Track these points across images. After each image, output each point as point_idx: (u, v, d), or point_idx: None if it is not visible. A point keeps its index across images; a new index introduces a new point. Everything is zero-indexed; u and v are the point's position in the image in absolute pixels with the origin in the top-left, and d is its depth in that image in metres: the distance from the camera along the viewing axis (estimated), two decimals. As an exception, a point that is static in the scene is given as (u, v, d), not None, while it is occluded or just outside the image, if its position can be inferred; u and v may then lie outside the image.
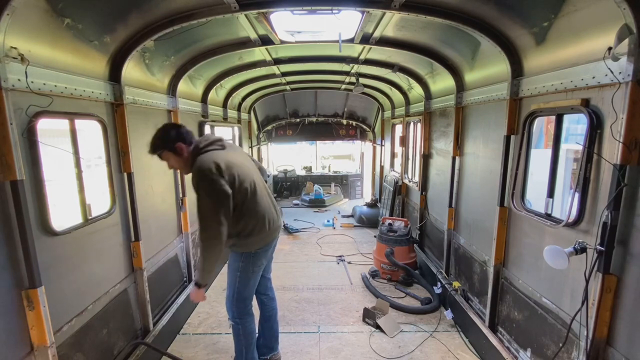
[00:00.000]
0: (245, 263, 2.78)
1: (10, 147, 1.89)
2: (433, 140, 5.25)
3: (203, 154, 2.52)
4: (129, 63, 3.00)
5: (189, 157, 2.57)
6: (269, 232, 2.78)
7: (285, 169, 12.09)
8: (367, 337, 3.78)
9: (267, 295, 3.24)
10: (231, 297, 2.85)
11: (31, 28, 2.05)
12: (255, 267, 2.83)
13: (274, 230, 2.85)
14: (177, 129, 2.60)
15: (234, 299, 2.84)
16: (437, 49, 4.01)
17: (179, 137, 2.54)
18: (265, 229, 2.73)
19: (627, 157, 1.90)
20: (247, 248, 2.75)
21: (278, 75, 6.21)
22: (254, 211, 2.67)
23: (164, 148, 2.53)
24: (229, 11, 2.84)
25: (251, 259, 2.79)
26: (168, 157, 2.57)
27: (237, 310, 2.87)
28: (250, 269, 2.81)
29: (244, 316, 2.89)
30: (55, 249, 2.30)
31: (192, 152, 2.56)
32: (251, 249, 2.75)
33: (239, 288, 2.83)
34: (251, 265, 2.80)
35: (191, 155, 2.56)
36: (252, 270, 2.82)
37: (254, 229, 2.68)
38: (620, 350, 2.01)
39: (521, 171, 2.97)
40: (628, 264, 1.95)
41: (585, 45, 2.23)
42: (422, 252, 5.60)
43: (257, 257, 2.81)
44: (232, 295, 2.85)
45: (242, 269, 2.79)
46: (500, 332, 3.30)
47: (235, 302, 2.85)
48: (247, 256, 2.77)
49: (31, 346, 2.08)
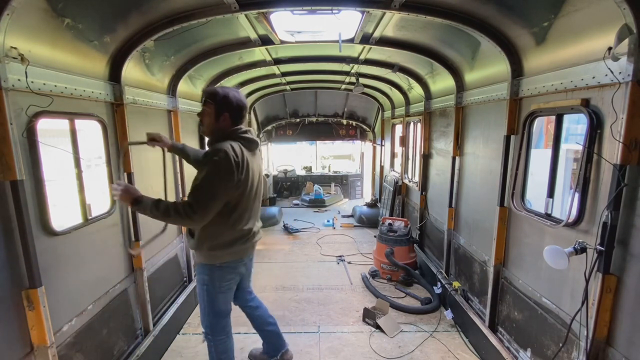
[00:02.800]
0: (210, 277, 2.54)
1: (10, 147, 1.89)
2: (433, 140, 5.25)
3: (234, 142, 2.35)
4: (129, 63, 2.99)
5: (220, 130, 2.41)
6: (243, 247, 2.54)
7: (285, 169, 12.09)
8: (367, 337, 3.78)
9: (249, 307, 3.08)
10: (202, 310, 2.65)
11: (31, 28, 2.05)
12: (222, 281, 2.57)
13: (249, 246, 2.60)
14: (240, 105, 2.43)
15: (206, 313, 2.63)
16: (437, 49, 4.01)
17: (230, 109, 2.38)
18: (237, 243, 2.49)
19: (627, 157, 1.90)
20: (211, 260, 2.50)
21: (278, 75, 6.20)
22: (236, 223, 2.44)
23: (214, 103, 2.37)
24: (229, 11, 2.84)
25: (216, 272, 2.53)
26: (209, 112, 2.40)
27: (209, 325, 2.66)
28: (217, 283, 2.55)
29: (217, 334, 2.68)
30: (55, 249, 2.30)
31: (228, 131, 2.40)
32: (215, 261, 2.50)
33: (207, 302, 2.60)
34: (217, 280, 2.55)
35: (223, 133, 2.40)
36: (218, 285, 2.56)
37: (226, 241, 2.45)
38: (620, 350, 2.01)
39: (521, 171, 2.97)
40: (628, 264, 1.95)
41: (585, 45, 2.23)
42: (422, 252, 5.60)
43: (224, 272, 2.55)
44: (203, 309, 2.64)
45: (208, 282, 2.55)
46: (500, 332, 3.30)
47: (207, 317, 2.64)
48: (212, 269, 2.52)
49: (31, 346, 2.08)
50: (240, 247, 2.53)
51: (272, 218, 8.26)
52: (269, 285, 5.04)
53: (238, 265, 2.62)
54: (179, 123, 4.13)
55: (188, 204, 2.19)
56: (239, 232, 2.48)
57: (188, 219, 2.20)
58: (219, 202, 2.28)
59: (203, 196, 2.22)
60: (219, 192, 2.25)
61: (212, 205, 2.25)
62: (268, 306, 4.48)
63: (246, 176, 2.36)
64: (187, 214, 2.17)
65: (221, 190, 2.25)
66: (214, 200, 2.24)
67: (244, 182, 2.35)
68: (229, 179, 2.25)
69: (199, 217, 2.21)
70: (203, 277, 2.56)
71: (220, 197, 2.27)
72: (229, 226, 2.43)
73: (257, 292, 4.75)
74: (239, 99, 2.45)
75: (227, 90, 2.42)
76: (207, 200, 2.22)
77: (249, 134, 2.48)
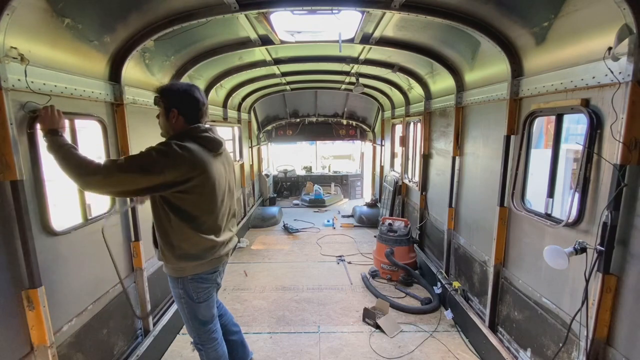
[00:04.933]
0: (185, 290, 2.35)
1: (10, 147, 1.89)
2: (433, 140, 5.25)
3: (191, 142, 2.10)
4: (129, 63, 2.99)
5: (175, 130, 2.18)
6: (214, 259, 2.33)
7: (285, 169, 12.10)
8: (367, 337, 3.78)
9: None
10: (186, 322, 2.51)
11: (31, 28, 2.05)
12: (199, 292, 2.37)
13: (222, 255, 2.39)
14: (190, 99, 2.18)
15: (191, 325, 2.50)
16: (437, 49, 4.01)
17: (179, 104, 2.15)
18: (207, 255, 2.28)
19: (627, 157, 1.90)
20: (179, 273, 2.30)
21: (278, 75, 6.21)
22: (199, 233, 2.20)
23: (161, 99, 2.18)
24: (229, 11, 2.84)
25: (189, 284, 2.33)
26: (161, 111, 2.21)
27: (197, 336, 2.53)
28: (194, 295, 2.36)
29: (206, 343, 2.55)
30: (55, 249, 2.30)
31: (183, 131, 2.16)
32: (184, 274, 2.30)
33: (189, 315, 2.45)
34: (192, 292, 2.35)
35: (178, 133, 2.15)
36: (196, 297, 2.37)
37: (191, 253, 2.23)
38: (620, 350, 2.01)
39: (521, 171, 2.97)
40: (628, 264, 1.95)
41: (585, 45, 2.23)
42: (422, 252, 5.60)
43: (197, 282, 2.35)
44: (187, 321, 2.50)
45: (184, 295, 2.37)
46: (500, 332, 3.30)
47: (193, 328, 2.50)
48: (184, 282, 2.33)
49: (31, 346, 2.08)
50: (210, 259, 2.31)
51: (272, 218, 8.27)
52: (268, 285, 5.04)
53: (211, 275, 2.40)
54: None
55: (107, 160, 1.93)
56: (205, 243, 2.24)
57: (92, 171, 1.87)
58: (143, 180, 1.94)
59: (129, 161, 1.94)
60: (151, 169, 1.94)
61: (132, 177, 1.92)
62: (268, 306, 4.50)
63: (204, 180, 2.12)
64: (94, 166, 1.87)
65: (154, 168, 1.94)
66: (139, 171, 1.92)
67: (199, 186, 2.10)
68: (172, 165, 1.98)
69: (104, 176, 1.88)
70: (177, 291, 2.37)
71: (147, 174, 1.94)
72: (191, 236, 2.19)
73: (257, 292, 4.82)
74: (188, 92, 2.18)
75: (174, 83, 2.23)
76: (131, 167, 1.92)
77: (210, 132, 2.22)
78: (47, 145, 2.01)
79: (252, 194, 8.78)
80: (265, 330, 3.93)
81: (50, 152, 1.99)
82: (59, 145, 1.98)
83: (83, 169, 1.90)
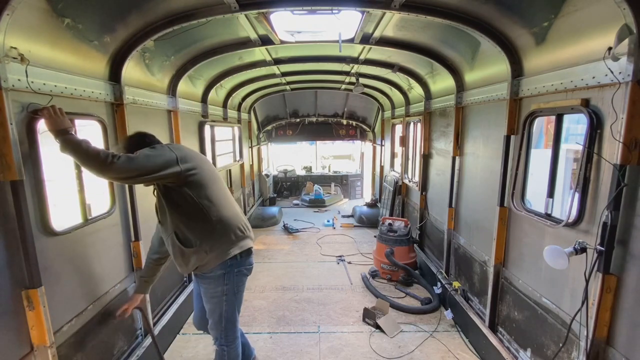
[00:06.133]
0: (230, 285, 2.47)
1: (10, 147, 1.88)
2: (433, 140, 5.25)
3: None
4: (129, 63, 2.99)
5: None
6: (242, 238, 2.48)
7: (285, 169, 12.10)
8: (367, 337, 3.78)
9: None
10: (219, 324, 2.55)
11: (31, 28, 2.05)
12: (239, 285, 2.52)
13: (247, 237, 2.53)
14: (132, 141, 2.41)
15: (223, 327, 2.54)
16: (437, 49, 4.01)
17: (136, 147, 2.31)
18: (232, 235, 2.42)
19: (627, 157, 1.90)
20: (222, 256, 2.39)
21: (278, 75, 6.21)
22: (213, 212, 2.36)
23: None
24: (229, 11, 2.85)
25: (233, 269, 2.45)
26: None
27: (225, 336, 2.58)
28: (235, 288, 2.50)
29: (232, 342, 2.62)
30: (55, 249, 2.30)
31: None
32: (225, 257, 2.39)
33: (227, 313, 2.52)
34: (235, 277, 2.48)
35: None
36: (237, 290, 2.52)
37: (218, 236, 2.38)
38: (620, 350, 2.01)
39: (521, 171, 2.97)
40: (628, 264, 1.95)
41: (585, 45, 2.23)
42: (422, 252, 5.60)
43: (240, 265, 2.49)
44: (219, 322, 2.54)
45: (227, 292, 2.47)
46: (500, 332, 3.30)
47: (224, 329, 2.55)
48: (229, 269, 2.44)
49: (31, 346, 2.08)
50: (239, 238, 2.45)
51: (272, 218, 8.27)
52: (269, 285, 5.04)
53: (248, 258, 2.54)
54: (179, 123, 4.13)
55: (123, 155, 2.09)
56: (224, 221, 2.40)
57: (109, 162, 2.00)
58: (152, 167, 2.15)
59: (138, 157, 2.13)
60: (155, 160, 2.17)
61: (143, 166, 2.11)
62: (268, 306, 4.51)
63: (194, 160, 2.36)
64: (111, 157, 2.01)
65: (158, 159, 2.18)
66: (147, 162, 2.13)
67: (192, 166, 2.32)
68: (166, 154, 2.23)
69: (120, 167, 2.03)
70: (222, 288, 2.46)
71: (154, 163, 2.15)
72: (209, 218, 2.35)
73: (257, 292, 4.82)
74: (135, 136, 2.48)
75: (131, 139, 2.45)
76: (140, 161, 2.11)
77: None
78: (60, 147, 2.06)
79: (252, 194, 8.78)
80: (265, 330, 3.93)
81: (65, 152, 2.05)
82: (75, 144, 2.03)
83: (99, 159, 2.01)
